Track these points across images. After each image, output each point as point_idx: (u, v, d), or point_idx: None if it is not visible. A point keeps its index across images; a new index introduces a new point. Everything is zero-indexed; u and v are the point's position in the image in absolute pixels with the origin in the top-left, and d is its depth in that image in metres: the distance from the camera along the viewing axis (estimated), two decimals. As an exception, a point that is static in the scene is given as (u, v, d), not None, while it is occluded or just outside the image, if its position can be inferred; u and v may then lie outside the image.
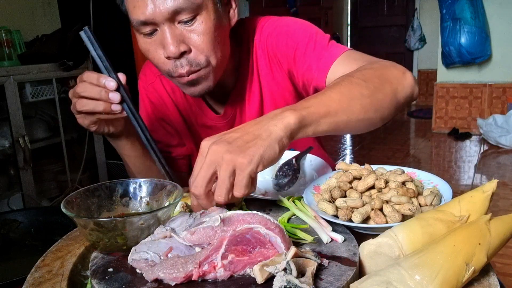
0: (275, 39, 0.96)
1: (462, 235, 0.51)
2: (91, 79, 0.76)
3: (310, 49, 0.91)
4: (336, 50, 0.90)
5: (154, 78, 1.06)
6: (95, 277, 0.55)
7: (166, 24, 0.81)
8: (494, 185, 0.59)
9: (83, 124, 0.82)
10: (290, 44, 0.93)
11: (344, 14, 6.88)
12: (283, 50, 0.95)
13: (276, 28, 0.96)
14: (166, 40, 0.81)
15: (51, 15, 2.93)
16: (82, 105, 0.78)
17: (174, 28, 0.81)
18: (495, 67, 4.51)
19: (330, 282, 0.52)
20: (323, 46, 0.91)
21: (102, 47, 0.77)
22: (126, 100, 0.78)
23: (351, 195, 0.69)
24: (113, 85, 0.75)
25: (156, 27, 0.82)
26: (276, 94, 1.01)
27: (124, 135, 0.91)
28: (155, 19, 0.80)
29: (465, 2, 4.26)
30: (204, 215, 0.64)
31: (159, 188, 0.71)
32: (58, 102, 2.48)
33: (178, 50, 0.81)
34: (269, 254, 0.55)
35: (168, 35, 0.81)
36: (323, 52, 0.90)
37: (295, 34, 0.94)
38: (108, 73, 0.77)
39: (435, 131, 4.78)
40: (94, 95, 0.76)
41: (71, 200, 0.65)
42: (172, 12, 0.79)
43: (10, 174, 2.40)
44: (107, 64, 0.77)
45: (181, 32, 0.82)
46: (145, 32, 0.83)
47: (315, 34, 0.93)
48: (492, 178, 0.62)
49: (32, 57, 2.35)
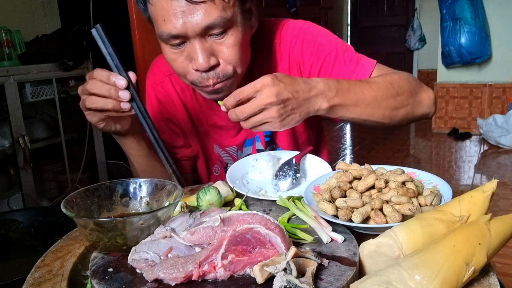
0: (300, 46, 0.97)
1: (462, 235, 0.51)
2: (101, 76, 0.76)
3: (339, 62, 0.95)
4: (367, 64, 0.95)
5: (163, 78, 1.06)
6: (95, 277, 0.55)
7: (197, 38, 0.81)
8: (494, 185, 0.59)
9: (91, 121, 0.82)
10: (317, 55, 0.96)
11: (344, 14, 6.88)
12: (308, 60, 0.97)
13: (300, 35, 0.97)
14: (196, 54, 0.82)
15: (51, 15, 2.93)
16: (92, 103, 0.78)
17: (204, 42, 0.82)
18: (495, 67, 4.51)
19: (330, 282, 0.52)
20: (352, 60, 0.95)
21: (113, 46, 0.77)
22: (136, 99, 0.78)
23: (351, 195, 0.69)
24: (123, 83, 0.75)
25: (186, 39, 0.82)
26: None
27: (131, 134, 0.91)
28: (187, 34, 0.80)
29: (465, 2, 4.26)
30: (204, 215, 0.64)
31: (159, 188, 0.71)
32: (58, 102, 2.48)
33: (208, 64, 0.82)
34: (269, 254, 0.55)
35: (198, 48, 0.81)
36: (354, 66, 0.94)
37: (321, 45, 0.96)
38: (119, 71, 0.77)
39: (435, 131, 4.78)
40: (104, 92, 0.76)
41: (71, 200, 0.65)
42: (205, 28, 0.79)
43: (10, 174, 2.40)
44: (117, 62, 0.77)
45: (211, 45, 0.83)
46: (173, 44, 0.83)
47: (341, 46, 0.96)
48: (492, 178, 0.62)
49: (32, 57, 2.35)
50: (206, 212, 0.66)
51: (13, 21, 2.63)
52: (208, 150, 1.11)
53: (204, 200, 0.75)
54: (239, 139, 1.07)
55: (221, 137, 1.07)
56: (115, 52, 0.77)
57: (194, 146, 1.11)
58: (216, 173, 1.14)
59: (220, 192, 0.76)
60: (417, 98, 0.89)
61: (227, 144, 1.08)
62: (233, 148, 1.08)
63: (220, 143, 1.08)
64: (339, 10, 6.63)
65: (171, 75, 1.04)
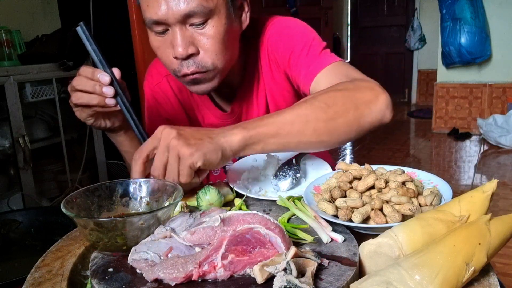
0: (275, 40, 0.97)
1: (462, 235, 0.51)
2: (87, 73, 0.79)
3: (303, 55, 0.93)
4: (325, 59, 0.91)
5: (161, 79, 1.07)
6: (95, 277, 0.55)
7: (177, 25, 0.82)
8: (494, 185, 0.59)
9: (80, 117, 0.84)
10: (287, 47, 0.95)
11: (344, 14, 6.88)
12: (280, 52, 0.97)
13: (278, 29, 0.98)
14: (176, 41, 0.83)
15: (51, 15, 2.93)
16: (77, 98, 0.80)
17: (184, 30, 0.83)
18: (495, 67, 4.51)
19: (330, 282, 0.52)
20: (315, 54, 0.92)
21: (97, 43, 0.79)
22: (120, 94, 0.80)
23: (351, 195, 0.69)
24: (107, 79, 0.78)
25: (168, 27, 0.83)
26: (276, 93, 1.03)
27: (123, 131, 0.92)
28: (167, 20, 0.81)
29: (465, 2, 4.26)
30: (204, 215, 0.64)
31: (159, 188, 0.71)
32: (58, 102, 2.48)
33: (186, 52, 0.83)
34: (269, 254, 0.55)
35: (178, 36, 0.82)
36: (313, 59, 0.92)
37: (294, 37, 0.95)
38: (103, 68, 0.79)
39: (435, 131, 4.78)
40: (89, 88, 0.78)
41: (71, 200, 0.65)
42: (184, 15, 0.80)
43: (10, 174, 2.40)
44: (101, 59, 0.79)
45: (192, 34, 0.83)
46: (157, 31, 0.85)
47: (312, 40, 0.94)
48: (492, 178, 0.62)
49: (32, 57, 2.35)
50: (206, 212, 0.66)
51: (13, 21, 2.63)
52: None
53: (204, 200, 0.75)
54: None
55: None
56: (99, 48, 0.79)
57: None
58: (215, 173, 1.15)
59: (220, 192, 0.76)
60: (361, 105, 0.79)
61: None
62: None
63: None
64: (339, 10, 6.64)
65: (168, 75, 1.06)
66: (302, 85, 0.93)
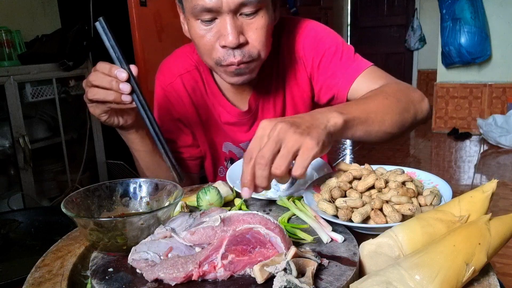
0: (302, 42, 0.99)
1: (462, 235, 0.51)
2: (103, 69, 0.78)
3: (336, 58, 0.96)
4: (362, 63, 0.95)
5: (174, 78, 1.06)
6: (95, 277, 0.56)
7: (229, 14, 0.82)
8: (494, 185, 0.59)
9: (94, 113, 0.84)
10: (317, 50, 0.98)
11: (344, 14, 6.88)
12: (309, 54, 0.99)
13: (304, 32, 1.00)
14: (226, 30, 0.83)
15: (51, 15, 2.93)
16: (93, 94, 0.79)
17: (235, 19, 0.84)
18: (495, 67, 4.51)
19: (330, 282, 0.52)
20: (349, 57, 0.96)
21: (115, 38, 0.78)
22: (136, 91, 0.79)
23: (351, 195, 0.69)
24: (124, 75, 0.77)
25: (217, 15, 0.84)
26: (296, 94, 1.04)
27: (135, 129, 0.92)
28: (221, 8, 0.82)
29: (465, 2, 4.26)
30: (204, 215, 0.64)
31: (159, 188, 0.71)
32: (58, 102, 2.48)
33: (238, 41, 0.84)
34: (269, 254, 0.55)
35: (229, 25, 0.83)
36: (349, 63, 0.95)
37: (322, 40, 0.98)
38: (120, 64, 0.78)
39: (435, 131, 4.78)
40: (105, 84, 0.78)
41: (71, 200, 0.65)
42: (239, 4, 0.81)
43: (10, 174, 2.40)
44: (119, 55, 0.78)
45: (241, 23, 0.85)
46: (205, 19, 0.84)
47: (342, 45, 0.98)
48: (492, 178, 0.62)
49: (32, 57, 2.35)
50: (206, 212, 0.66)
51: (13, 21, 2.63)
52: (216, 150, 1.12)
53: (204, 200, 0.75)
54: (252, 133, 1.08)
55: (234, 133, 1.09)
56: (117, 45, 0.78)
57: (202, 146, 1.11)
58: (221, 174, 1.15)
59: (220, 192, 0.76)
60: (416, 104, 0.88)
61: (241, 140, 1.09)
62: (247, 143, 1.09)
63: (233, 139, 1.10)
64: (339, 10, 6.63)
65: (182, 75, 1.05)
66: (338, 86, 0.95)
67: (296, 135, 0.62)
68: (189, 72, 1.05)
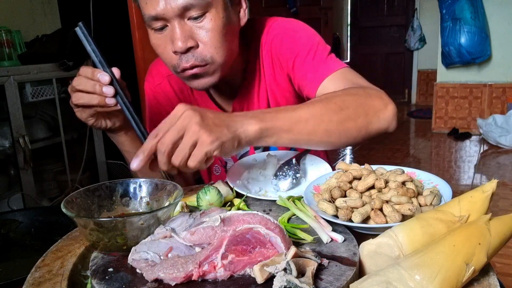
0: (279, 42, 0.98)
1: (462, 235, 0.51)
2: (86, 73, 0.79)
3: (309, 58, 0.94)
4: (332, 65, 0.92)
5: (162, 79, 1.07)
6: (95, 277, 0.56)
7: (176, 19, 0.83)
8: (494, 185, 0.59)
9: (81, 117, 0.85)
10: (292, 49, 0.96)
11: (344, 14, 6.88)
12: (285, 54, 0.98)
13: (282, 31, 0.99)
14: (175, 35, 0.84)
15: (51, 15, 2.93)
16: (78, 99, 0.80)
17: (183, 24, 0.84)
18: (495, 67, 4.51)
19: (330, 282, 0.52)
20: (321, 58, 0.94)
21: (96, 43, 0.79)
22: (120, 93, 0.80)
23: (351, 195, 0.69)
24: (107, 79, 0.78)
25: (167, 22, 0.84)
26: (278, 94, 1.03)
27: (124, 131, 0.92)
28: (165, 15, 0.82)
29: (465, 2, 4.25)
30: (204, 215, 0.64)
31: (159, 188, 0.71)
32: (58, 102, 2.48)
33: (185, 45, 0.84)
34: (269, 254, 0.55)
35: (177, 30, 0.83)
36: (320, 64, 0.93)
37: (299, 40, 0.96)
38: (102, 68, 0.79)
39: (435, 131, 4.78)
40: (89, 88, 0.78)
41: (71, 200, 0.65)
42: (182, 8, 0.81)
43: (10, 174, 2.40)
44: (101, 59, 0.79)
45: (190, 28, 0.84)
46: (156, 27, 0.86)
47: (317, 44, 0.95)
48: (492, 178, 0.62)
49: (32, 57, 2.35)
50: (206, 212, 0.66)
51: (13, 21, 2.63)
52: None
53: (204, 200, 0.75)
54: None
55: None
56: (98, 48, 0.79)
57: None
58: (216, 172, 1.15)
59: (220, 192, 0.76)
60: (370, 112, 0.81)
61: None
62: None
63: None
64: (339, 10, 6.63)
65: (169, 76, 1.06)
66: (307, 89, 0.93)
67: (196, 127, 0.64)
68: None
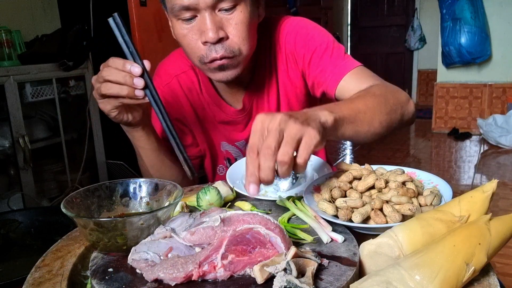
0: (293, 39, 1.00)
1: (462, 235, 0.51)
2: (117, 64, 0.78)
3: (327, 55, 0.97)
4: (351, 62, 0.96)
5: (170, 79, 1.08)
6: (95, 277, 0.56)
7: (208, 10, 0.84)
8: (494, 185, 0.59)
9: (104, 109, 0.84)
10: (308, 46, 0.98)
11: (344, 14, 6.88)
12: (300, 51, 1.00)
13: (295, 29, 1.01)
14: (206, 26, 0.85)
15: (51, 15, 2.93)
16: (107, 89, 0.79)
17: (214, 15, 0.85)
18: (495, 67, 4.51)
19: (330, 282, 0.52)
20: (339, 56, 0.97)
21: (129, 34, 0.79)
22: (149, 87, 0.79)
23: (351, 195, 0.69)
24: (138, 71, 0.77)
25: (197, 13, 0.86)
26: (290, 90, 1.05)
27: (141, 126, 0.92)
28: (198, 5, 0.84)
29: (465, 2, 4.25)
30: (204, 215, 0.64)
31: (159, 188, 0.71)
32: (58, 102, 2.48)
33: (217, 36, 0.85)
34: (269, 254, 0.55)
35: (208, 21, 0.85)
36: (339, 61, 0.96)
37: (314, 37, 0.99)
38: (134, 59, 0.78)
39: (435, 131, 4.78)
40: (119, 79, 0.78)
41: (71, 200, 0.65)
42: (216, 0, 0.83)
43: (10, 174, 2.40)
44: (133, 50, 0.78)
45: (221, 19, 0.86)
46: (184, 18, 0.87)
47: (333, 42, 0.99)
48: (492, 178, 0.62)
49: (32, 57, 2.35)
50: (206, 212, 0.66)
51: (13, 21, 2.62)
52: (214, 149, 1.13)
53: (204, 200, 0.75)
54: (247, 132, 1.08)
55: (229, 133, 1.10)
56: (131, 40, 0.79)
57: (201, 145, 1.12)
58: (220, 173, 1.15)
59: (220, 192, 0.76)
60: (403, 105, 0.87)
61: (237, 139, 1.10)
62: (242, 142, 1.10)
63: (229, 138, 1.11)
64: (339, 10, 6.63)
65: (178, 75, 1.07)
66: (326, 84, 0.96)
67: (297, 125, 0.61)
68: (185, 72, 1.06)
